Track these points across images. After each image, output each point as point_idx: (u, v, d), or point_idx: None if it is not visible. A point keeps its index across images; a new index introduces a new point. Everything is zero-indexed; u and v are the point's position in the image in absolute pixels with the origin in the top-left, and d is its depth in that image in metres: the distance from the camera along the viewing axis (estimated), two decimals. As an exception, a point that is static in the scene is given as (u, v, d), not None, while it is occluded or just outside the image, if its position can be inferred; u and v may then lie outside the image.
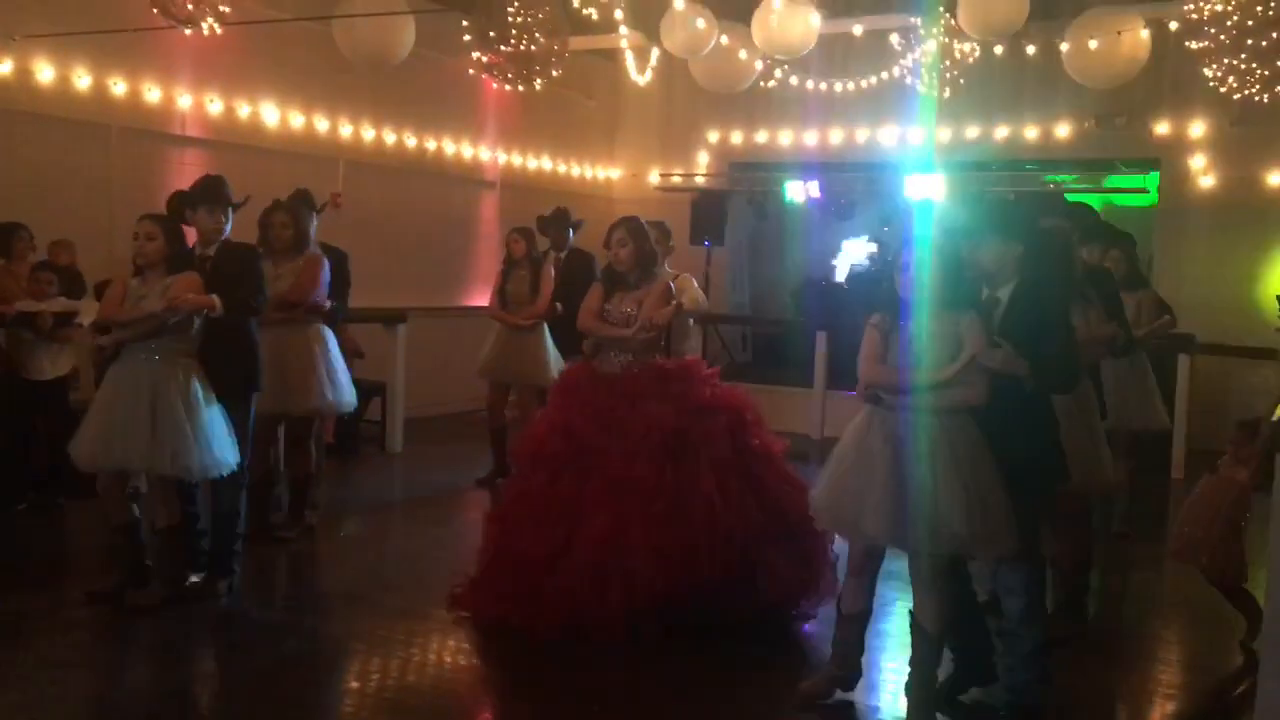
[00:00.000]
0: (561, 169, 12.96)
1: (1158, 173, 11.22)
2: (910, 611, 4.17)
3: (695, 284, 7.25)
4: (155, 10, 6.51)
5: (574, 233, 8.37)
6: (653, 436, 5.02)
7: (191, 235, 5.41)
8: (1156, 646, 5.47)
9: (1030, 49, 9.53)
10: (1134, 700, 4.71)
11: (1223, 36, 7.23)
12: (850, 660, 4.35)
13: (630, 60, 10.39)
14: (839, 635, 4.37)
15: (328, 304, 6.28)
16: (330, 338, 6.34)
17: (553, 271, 7.96)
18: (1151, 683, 4.89)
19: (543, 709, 4.44)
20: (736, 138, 13.08)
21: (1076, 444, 4.60)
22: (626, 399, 5.16)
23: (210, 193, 5.41)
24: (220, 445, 5.05)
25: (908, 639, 4.21)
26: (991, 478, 3.92)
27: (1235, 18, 7.04)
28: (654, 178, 13.38)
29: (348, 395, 6.44)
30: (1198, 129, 10.88)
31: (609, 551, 4.85)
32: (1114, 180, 11.70)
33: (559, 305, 7.81)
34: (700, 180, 13.13)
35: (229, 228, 5.47)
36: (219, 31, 6.69)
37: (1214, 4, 7.04)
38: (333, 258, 6.59)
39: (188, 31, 6.95)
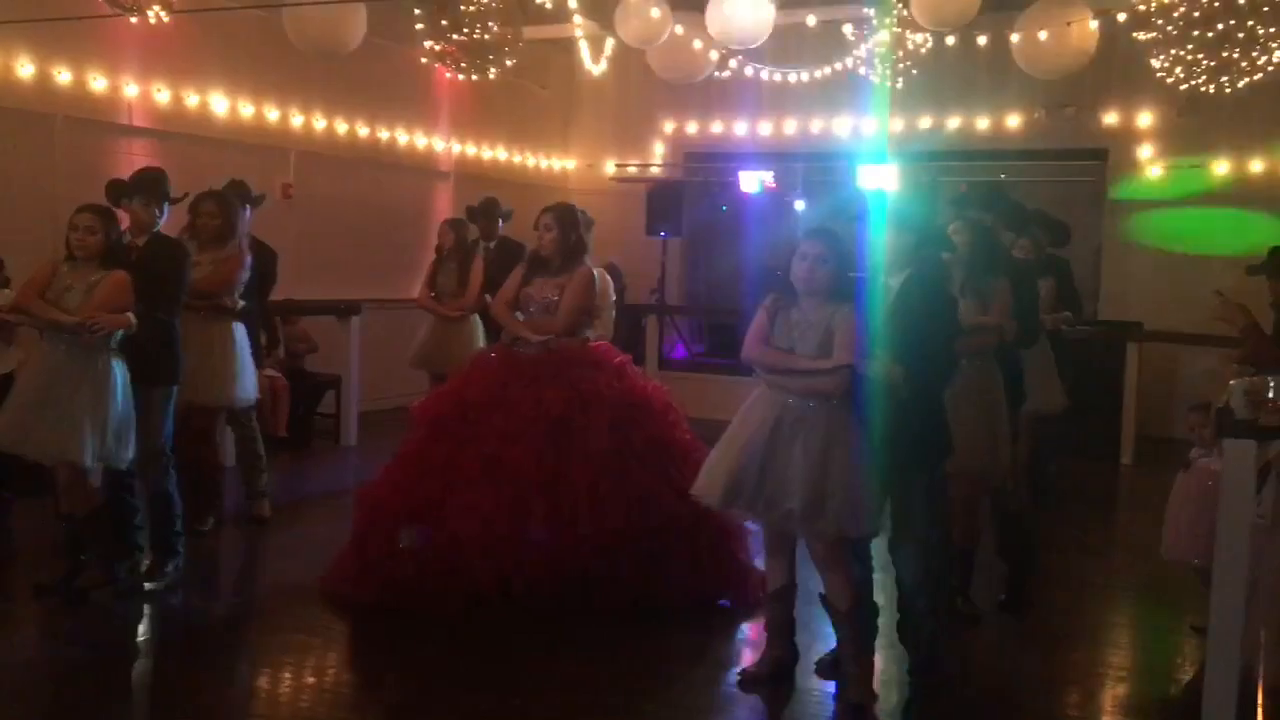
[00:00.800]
0: (516, 159, 12.90)
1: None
2: (819, 593, 4.28)
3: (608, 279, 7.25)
4: (100, -3, 6.40)
5: (503, 222, 8.37)
6: (537, 422, 5.07)
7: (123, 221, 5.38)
8: (1101, 629, 5.55)
9: (981, 40, 9.62)
10: (1084, 683, 4.77)
11: (1170, 28, 7.35)
12: (784, 640, 4.44)
13: (585, 50, 10.36)
14: (766, 616, 4.52)
15: (239, 304, 6.20)
16: (239, 332, 6.25)
17: (481, 263, 7.94)
18: (1100, 665, 4.95)
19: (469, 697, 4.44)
20: (692, 127, 13.09)
21: (974, 428, 4.78)
22: (524, 379, 5.21)
23: (147, 185, 5.43)
24: (132, 435, 5.05)
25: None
26: (847, 458, 4.02)
27: (1182, 9, 7.16)
28: (609, 168, 13.36)
29: (249, 390, 6.37)
30: (1145, 119, 11.03)
31: (475, 527, 4.92)
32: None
33: (488, 296, 7.79)
34: (656, 170, 13.13)
35: (163, 221, 5.48)
36: (166, 20, 6.59)
37: (1161, -4, 7.15)
38: (262, 255, 6.52)
39: (134, 19, 6.83)
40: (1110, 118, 11.19)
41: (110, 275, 4.97)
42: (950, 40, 9.44)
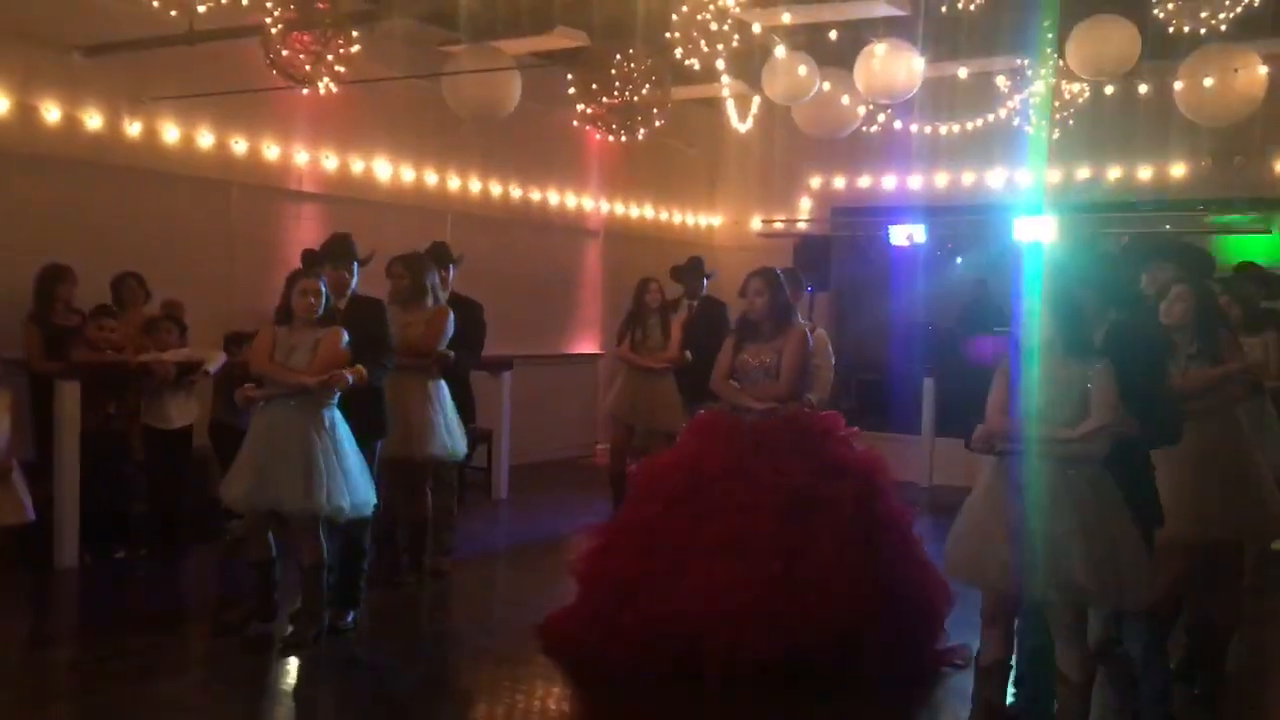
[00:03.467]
0: (664, 216, 13.05)
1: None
2: (1054, 663, 4.05)
3: (826, 338, 7.23)
4: (274, 71, 6.77)
5: (708, 281, 8.53)
6: (780, 490, 4.92)
7: None
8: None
9: (1143, 88, 9.32)
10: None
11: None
12: (993, 715, 4.22)
13: (731, 108, 10.44)
14: (978, 689, 4.27)
15: (451, 356, 6.43)
16: (443, 388, 6.47)
17: (683, 319, 8.14)
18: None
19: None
20: (839, 182, 13.02)
21: (1229, 490, 4.51)
22: (761, 449, 5.07)
23: (338, 250, 5.75)
24: (365, 486, 5.30)
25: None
26: (1122, 526, 3.82)
27: (1359, 51, 6.81)
28: (756, 224, 13.38)
29: (460, 444, 6.55)
30: (1320, 166, 10.49)
31: (715, 601, 4.76)
32: (1230, 220, 11.34)
33: (688, 353, 7.96)
34: (802, 225, 13.09)
35: (355, 282, 5.76)
36: (334, 90, 6.93)
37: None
38: (466, 309, 6.75)
39: (305, 91, 7.21)
40: (1282, 165, 10.68)
41: (330, 331, 5.27)
42: (1109, 89, 9.18)
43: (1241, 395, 4.76)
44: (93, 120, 7.89)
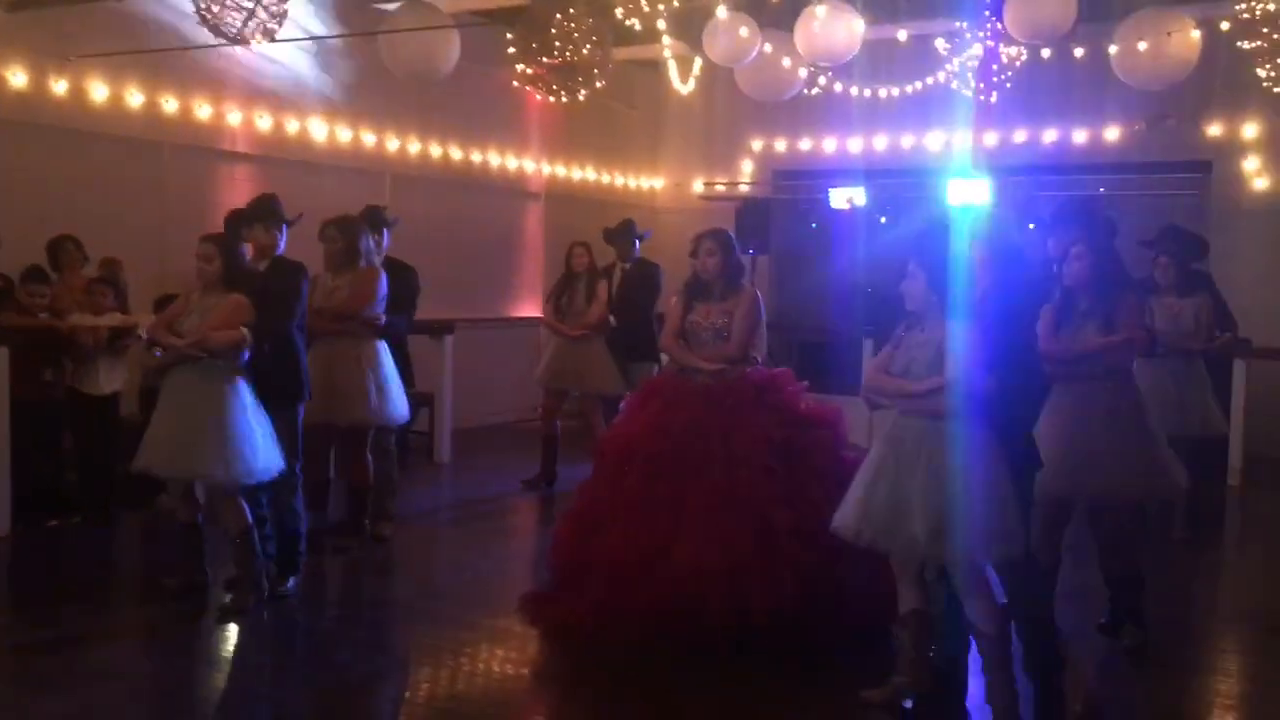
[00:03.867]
0: (605, 179, 13.00)
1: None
2: (967, 620, 4.15)
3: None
4: (206, 29, 6.61)
5: (640, 243, 8.52)
6: (760, 446, 4.91)
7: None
8: (1216, 657, 5.37)
9: (1078, 51, 9.42)
10: (1196, 711, 4.62)
11: (1276, 36, 7.11)
12: (915, 665, 4.27)
13: (673, 69, 10.40)
14: (898, 640, 4.35)
15: (381, 319, 6.34)
16: (383, 351, 6.40)
17: (607, 285, 8.14)
18: (1210, 693, 4.80)
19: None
20: (780, 145, 13.05)
21: (1129, 448, 4.65)
22: (724, 409, 5.04)
23: (263, 211, 5.67)
24: (270, 451, 5.22)
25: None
26: (982, 481, 3.90)
27: (1289, 16, 6.93)
28: (698, 186, 13.38)
29: (399, 408, 6.47)
30: (1251, 130, 10.70)
31: (715, 556, 4.71)
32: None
33: (612, 318, 7.98)
34: (744, 188, 13.11)
35: (283, 243, 5.68)
36: (268, 48, 6.78)
37: (1266, 3, 6.93)
38: (399, 272, 6.68)
39: (237, 49, 7.05)
40: (1214, 129, 10.88)
41: (228, 298, 5.20)
42: (1046, 53, 9.26)
43: (1126, 362, 4.87)
44: (16, 78, 7.65)
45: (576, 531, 5.14)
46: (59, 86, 7.88)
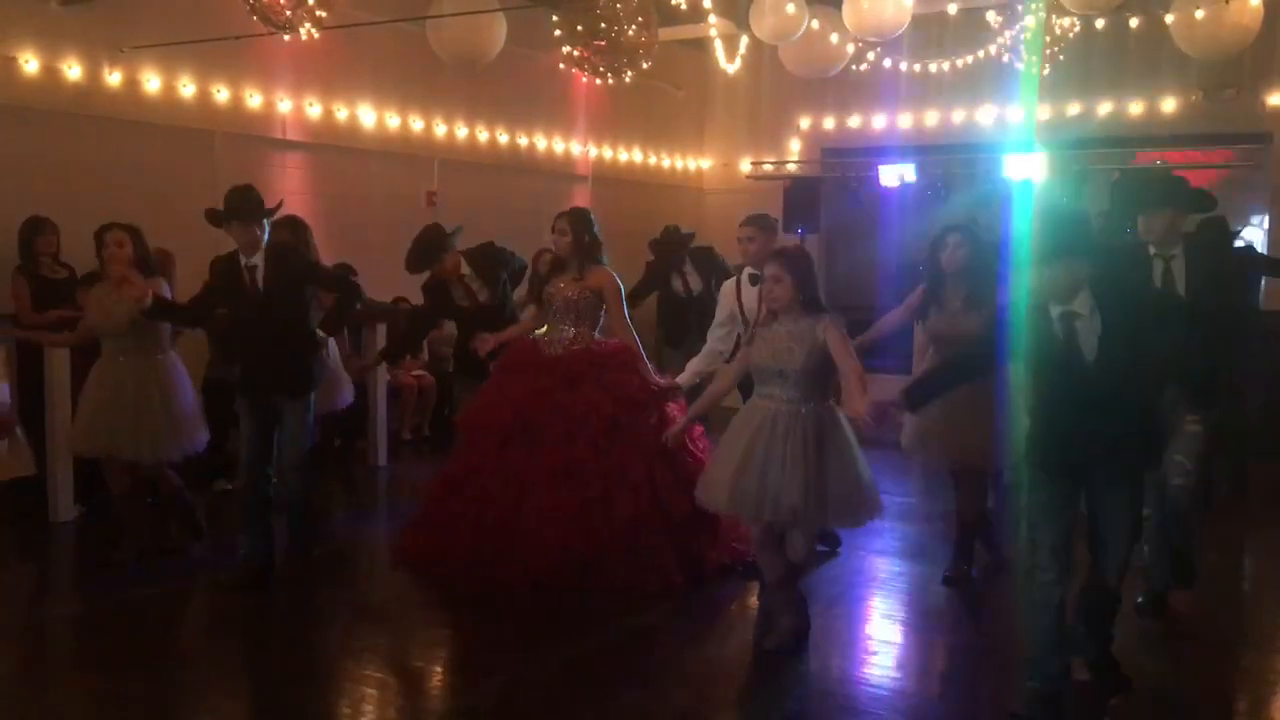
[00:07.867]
0: (652, 160, 12.97)
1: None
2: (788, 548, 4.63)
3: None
4: (255, 17, 6.66)
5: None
6: (590, 422, 5.48)
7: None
8: (1271, 634, 5.26)
9: (1133, 21, 9.23)
10: (1254, 689, 4.54)
11: (1340, 1, 6.93)
12: (773, 623, 4.71)
13: (719, 49, 10.32)
14: (763, 602, 4.94)
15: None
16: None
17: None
18: (1270, 672, 4.71)
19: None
20: (829, 123, 12.94)
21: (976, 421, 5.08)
22: (565, 382, 5.61)
23: (243, 206, 5.44)
24: (194, 429, 5.87)
25: None
26: (840, 456, 4.39)
27: (1353, -20, 6.74)
28: (745, 166, 13.30)
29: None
30: (1313, 99, 10.44)
31: (548, 526, 5.36)
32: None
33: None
34: (792, 167, 13.02)
35: (266, 236, 5.57)
36: (316, 36, 6.82)
37: (1330, -33, 6.74)
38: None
39: (287, 37, 7.10)
40: (1275, 99, 10.61)
41: (151, 282, 5.74)
42: (1100, 24, 9.09)
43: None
44: (72, 71, 7.78)
45: (446, 488, 5.77)
46: (113, 78, 7.99)
